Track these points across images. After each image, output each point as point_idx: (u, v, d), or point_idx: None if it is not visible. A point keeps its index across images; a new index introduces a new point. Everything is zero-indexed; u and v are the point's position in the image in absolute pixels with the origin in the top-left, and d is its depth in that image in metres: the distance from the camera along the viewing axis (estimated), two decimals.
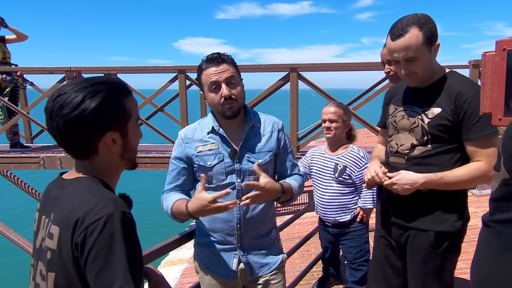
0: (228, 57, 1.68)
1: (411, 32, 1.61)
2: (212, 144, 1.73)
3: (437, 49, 1.68)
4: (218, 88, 1.65)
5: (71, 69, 5.77)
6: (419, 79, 1.73)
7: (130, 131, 1.10)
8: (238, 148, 1.72)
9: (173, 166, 1.79)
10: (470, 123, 1.63)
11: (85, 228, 0.94)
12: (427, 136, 1.71)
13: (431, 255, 1.78)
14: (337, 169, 2.81)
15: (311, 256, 3.86)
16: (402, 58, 1.65)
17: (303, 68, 5.79)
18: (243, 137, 1.73)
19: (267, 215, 1.84)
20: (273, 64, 6.66)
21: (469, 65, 5.54)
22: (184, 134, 1.79)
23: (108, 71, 6.08)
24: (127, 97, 1.09)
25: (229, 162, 1.71)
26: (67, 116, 0.99)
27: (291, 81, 5.72)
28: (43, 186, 1.31)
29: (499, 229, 0.82)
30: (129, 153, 1.13)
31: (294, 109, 5.76)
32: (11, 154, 6.20)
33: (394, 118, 1.85)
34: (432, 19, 1.66)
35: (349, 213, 2.84)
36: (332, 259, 3.26)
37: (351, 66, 5.96)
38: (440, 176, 1.65)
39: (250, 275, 1.79)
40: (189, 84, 6.25)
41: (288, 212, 5.49)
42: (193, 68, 6.21)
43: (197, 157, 1.73)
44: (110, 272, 0.91)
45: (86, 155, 1.07)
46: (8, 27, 5.94)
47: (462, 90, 1.66)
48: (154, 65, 8.90)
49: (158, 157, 5.90)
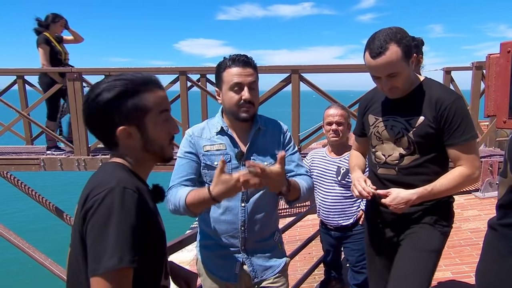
0: (254, 62, 1.70)
1: (390, 49, 1.61)
2: (220, 144, 1.74)
3: (413, 61, 1.70)
4: (239, 90, 1.65)
5: (71, 70, 5.78)
6: (400, 92, 1.74)
7: (149, 124, 1.11)
8: (245, 150, 1.73)
9: (184, 160, 1.75)
10: (451, 129, 1.66)
11: (89, 201, 0.99)
12: (413, 145, 1.73)
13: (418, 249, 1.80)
14: (340, 172, 2.81)
15: (313, 259, 3.85)
16: (383, 75, 1.67)
17: (304, 69, 5.80)
18: (250, 139, 1.75)
19: (271, 218, 1.84)
20: (274, 65, 6.67)
21: (472, 67, 5.54)
22: (192, 132, 1.79)
23: (109, 72, 6.09)
24: (146, 91, 1.11)
25: (236, 163, 1.73)
26: (88, 106, 1.08)
27: (293, 83, 5.72)
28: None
29: (506, 233, 0.82)
30: (152, 147, 1.14)
31: (296, 111, 5.77)
32: (11, 155, 6.21)
33: (377, 128, 1.85)
34: (406, 32, 1.68)
35: (352, 217, 2.83)
36: (334, 262, 3.25)
37: (352, 67, 5.96)
38: (430, 188, 1.68)
39: (254, 278, 1.79)
40: (190, 85, 6.25)
41: (290, 214, 5.49)
42: (194, 69, 6.21)
43: (204, 156, 1.73)
44: (102, 244, 0.93)
45: (109, 145, 1.13)
46: (69, 29, 5.92)
47: (442, 96, 1.68)
48: (155, 67, 8.92)
49: None
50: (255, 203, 1.75)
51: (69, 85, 5.78)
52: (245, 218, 1.74)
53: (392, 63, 1.63)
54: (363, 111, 1.99)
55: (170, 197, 1.70)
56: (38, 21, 5.68)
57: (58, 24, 5.69)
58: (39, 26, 5.65)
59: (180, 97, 6.15)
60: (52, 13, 5.68)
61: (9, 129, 6.55)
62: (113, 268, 0.91)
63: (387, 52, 1.61)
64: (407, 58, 1.65)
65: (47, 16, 5.70)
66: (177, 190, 1.66)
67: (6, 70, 6.60)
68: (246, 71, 1.66)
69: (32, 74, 6.64)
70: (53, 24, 5.65)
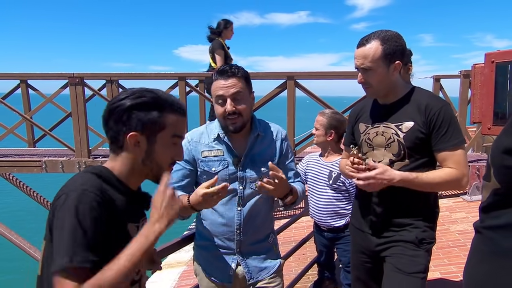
0: (240, 71, 1.66)
1: (372, 44, 1.65)
2: (217, 150, 1.73)
3: (397, 67, 1.69)
4: (224, 102, 1.64)
5: (73, 75, 5.77)
6: (374, 91, 1.75)
7: (159, 142, 1.13)
8: (242, 157, 1.73)
9: (178, 166, 1.73)
10: (439, 134, 1.66)
11: (54, 203, 1.03)
12: (404, 150, 1.71)
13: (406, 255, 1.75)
14: (331, 176, 2.82)
15: (307, 260, 3.85)
16: (358, 66, 1.70)
17: (300, 76, 5.83)
18: (247, 146, 1.73)
19: (266, 221, 1.84)
20: (271, 72, 6.70)
21: (460, 75, 5.60)
22: (191, 137, 1.77)
23: (110, 78, 6.10)
24: (170, 112, 1.13)
25: (233, 169, 1.72)
26: (110, 105, 1.11)
27: (288, 89, 5.75)
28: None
29: (489, 235, 0.83)
30: (151, 163, 1.14)
31: (291, 116, 5.79)
32: (13, 157, 6.18)
33: (367, 135, 1.83)
34: (401, 40, 1.68)
35: (344, 218, 2.84)
36: (327, 263, 3.25)
37: (346, 74, 5.99)
38: (415, 175, 1.65)
39: (249, 279, 1.79)
40: (189, 90, 6.26)
41: (285, 216, 5.49)
42: (193, 75, 6.22)
43: (202, 162, 1.73)
44: (58, 245, 0.96)
45: (115, 148, 1.14)
46: None
47: (430, 103, 1.68)
48: (155, 72, 8.92)
49: None
50: (251, 207, 1.75)
51: (71, 90, 5.77)
52: (240, 221, 1.74)
53: (367, 56, 1.66)
54: (353, 121, 1.97)
55: None
56: (210, 29, 5.63)
57: (229, 29, 5.62)
58: (212, 33, 5.62)
59: None
60: (223, 19, 5.61)
61: (12, 132, 6.54)
62: (64, 267, 0.93)
63: (368, 45, 1.66)
64: (386, 59, 1.66)
65: (219, 23, 5.62)
66: None
67: (10, 74, 6.57)
68: (228, 82, 1.63)
69: (35, 79, 6.63)
70: (225, 29, 5.59)
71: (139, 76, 6.71)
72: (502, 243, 0.78)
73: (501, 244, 0.79)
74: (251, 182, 1.73)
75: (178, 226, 1.78)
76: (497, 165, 0.79)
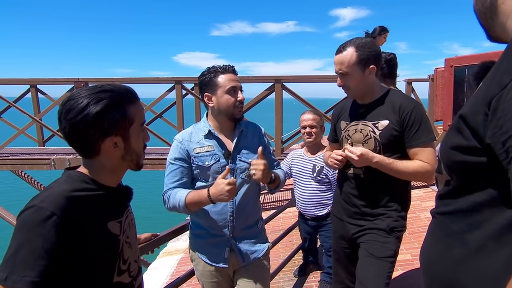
0: None
1: (347, 50, 1.68)
2: (208, 146, 1.74)
3: (372, 71, 1.70)
4: (235, 93, 1.71)
5: (79, 80, 5.72)
6: (353, 93, 1.77)
7: (132, 135, 1.06)
8: (232, 149, 1.75)
9: (175, 166, 1.74)
10: (411, 132, 1.67)
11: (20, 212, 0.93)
12: (379, 146, 1.72)
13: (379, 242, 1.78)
14: (315, 170, 2.84)
15: (293, 246, 3.87)
16: (337, 71, 1.73)
17: (286, 79, 5.84)
18: (235, 140, 1.77)
19: (255, 207, 1.87)
20: (260, 76, 6.71)
21: (428, 79, 5.68)
22: (182, 138, 1.77)
23: (113, 82, 6.01)
24: (131, 104, 1.05)
25: (224, 162, 1.74)
26: (72, 120, 0.97)
27: (276, 91, 5.76)
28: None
29: (442, 219, 0.86)
30: (130, 156, 1.08)
31: (279, 116, 5.80)
32: (25, 156, 6.12)
33: (347, 132, 1.85)
34: (375, 46, 1.70)
35: (326, 208, 2.87)
36: (311, 248, 3.28)
37: (329, 78, 6.01)
38: (391, 161, 1.67)
39: (242, 261, 1.80)
40: (185, 93, 6.24)
41: (274, 207, 5.51)
42: (189, 79, 6.20)
43: (196, 158, 1.73)
44: (4, 258, 0.88)
45: (90, 155, 1.04)
46: None
47: (403, 103, 1.70)
48: (154, 77, 8.86)
49: (157, 159, 5.88)
50: (242, 195, 1.77)
51: None
52: (233, 209, 1.76)
53: (344, 62, 1.68)
54: (336, 119, 1.99)
55: (169, 197, 1.71)
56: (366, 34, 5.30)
57: (382, 36, 5.09)
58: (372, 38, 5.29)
59: (176, 104, 6.14)
60: (380, 26, 5.13)
61: (23, 133, 6.49)
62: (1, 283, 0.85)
63: (344, 52, 1.68)
64: (361, 64, 1.67)
65: (375, 29, 5.13)
66: (176, 192, 1.70)
67: (21, 80, 6.50)
68: (236, 77, 1.74)
69: (43, 83, 6.56)
70: (378, 36, 5.08)
71: (139, 80, 6.67)
72: (451, 226, 0.81)
73: (450, 228, 0.82)
74: (241, 172, 1.76)
75: (174, 216, 1.78)
76: (445, 160, 0.81)
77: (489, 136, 0.66)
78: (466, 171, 0.75)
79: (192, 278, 2.04)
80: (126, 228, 1.13)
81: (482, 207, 0.73)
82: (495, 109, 0.63)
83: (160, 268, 4.14)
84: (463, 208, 0.78)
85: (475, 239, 0.75)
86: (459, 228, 0.79)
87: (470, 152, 0.72)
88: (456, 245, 0.79)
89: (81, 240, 0.95)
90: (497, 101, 0.63)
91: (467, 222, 0.77)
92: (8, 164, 6.19)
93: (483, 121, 0.67)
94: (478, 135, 0.69)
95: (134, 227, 1.22)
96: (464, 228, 0.77)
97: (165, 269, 4.07)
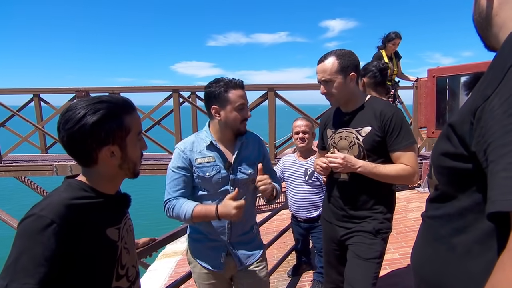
0: None
1: (329, 59, 1.71)
2: (209, 157, 1.69)
3: (352, 78, 1.73)
4: (243, 110, 1.67)
5: (80, 89, 5.68)
6: (336, 99, 1.78)
7: (129, 144, 1.04)
8: (232, 161, 1.71)
9: (177, 175, 1.67)
10: (392, 137, 1.68)
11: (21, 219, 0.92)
12: (363, 152, 1.73)
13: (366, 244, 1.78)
14: (307, 173, 2.84)
15: (287, 247, 3.86)
16: (320, 79, 1.75)
17: (279, 87, 5.86)
18: (236, 152, 1.72)
19: (251, 214, 1.85)
20: (254, 84, 6.72)
21: (413, 86, 5.74)
22: (184, 147, 1.71)
23: (113, 91, 6.01)
24: (127, 113, 1.03)
25: (225, 173, 1.69)
26: (70, 129, 0.96)
27: (269, 99, 5.77)
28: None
29: (431, 223, 0.86)
30: (127, 164, 1.06)
31: (272, 122, 5.81)
32: (28, 162, 6.05)
33: (333, 139, 1.86)
34: (354, 56, 1.73)
35: (317, 210, 2.86)
36: (304, 249, 3.28)
37: (319, 86, 6.03)
38: (374, 165, 1.68)
39: (240, 265, 1.78)
40: (182, 101, 6.22)
41: (268, 210, 5.49)
42: (185, 88, 6.19)
43: (197, 168, 1.68)
44: (5, 266, 0.87)
45: (88, 164, 1.03)
46: None
47: (384, 109, 1.71)
48: (152, 85, 8.84)
49: (155, 164, 5.83)
50: None
51: None
52: None
53: (326, 70, 1.70)
54: (323, 127, 2.00)
55: (173, 208, 1.64)
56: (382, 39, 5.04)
57: (390, 43, 4.98)
58: (382, 43, 5.06)
59: (173, 112, 6.12)
60: (394, 32, 5.00)
61: (26, 140, 6.43)
62: None
63: (326, 61, 1.71)
64: (342, 72, 1.70)
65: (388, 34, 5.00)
66: (181, 203, 1.63)
67: (24, 90, 6.46)
68: (245, 93, 1.69)
69: (46, 93, 6.51)
70: (387, 42, 5.01)
71: (138, 89, 6.65)
72: (440, 230, 0.81)
73: (439, 231, 0.82)
74: (240, 183, 1.72)
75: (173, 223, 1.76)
76: (435, 165, 0.82)
77: (473, 144, 0.67)
78: (454, 177, 0.76)
79: (190, 280, 2.02)
80: (124, 234, 1.12)
81: (467, 212, 0.74)
82: (479, 119, 0.64)
83: (158, 269, 4.09)
84: (450, 212, 0.78)
85: (461, 243, 0.75)
86: (446, 232, 0.79)
87: (458, 159, 0.72)
88: (443, 248, 0.79)
89: (81, 246, 0.93)
90: (481, 112, 0.64)
91: (453, 227, 0.77)
92: (12, 171, 6.13)
93: (469, 130, 0.68)
94: (465, 143, 0.70)
95: (132, 233, 1.20)
96: (451, 232, 0.78)
97: (163, 270, 4.03)
